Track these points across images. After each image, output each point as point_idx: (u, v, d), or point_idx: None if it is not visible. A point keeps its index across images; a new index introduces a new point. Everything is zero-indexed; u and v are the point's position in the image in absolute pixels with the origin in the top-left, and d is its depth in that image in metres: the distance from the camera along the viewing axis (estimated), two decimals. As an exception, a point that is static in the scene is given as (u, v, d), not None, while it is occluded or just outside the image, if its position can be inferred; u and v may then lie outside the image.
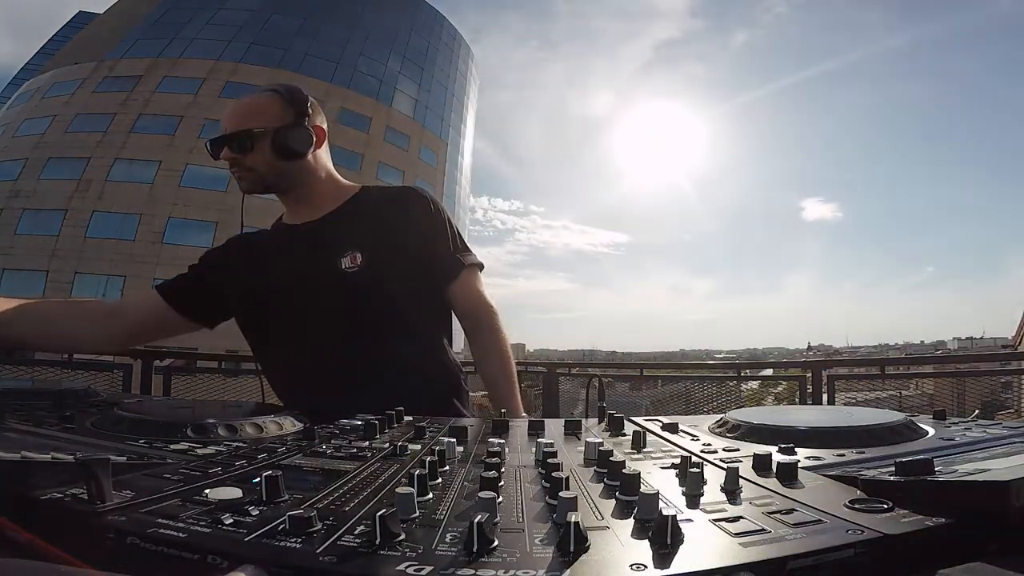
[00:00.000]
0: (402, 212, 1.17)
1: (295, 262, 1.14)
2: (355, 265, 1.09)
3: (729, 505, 0.41)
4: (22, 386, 0.88)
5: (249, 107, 1.15)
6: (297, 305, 1.12)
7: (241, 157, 1.12)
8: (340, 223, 1.16)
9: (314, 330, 1.11)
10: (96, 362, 3.81)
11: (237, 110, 1.15)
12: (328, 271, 1.09)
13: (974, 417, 0.78)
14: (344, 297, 1.09)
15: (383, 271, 1.09)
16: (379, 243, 1.11)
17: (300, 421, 0.78)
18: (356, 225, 1.14)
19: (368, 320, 1.10)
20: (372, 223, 1.14)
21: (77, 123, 21.41)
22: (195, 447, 0.60)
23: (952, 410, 2.41)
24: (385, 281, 1.09)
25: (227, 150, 1.12)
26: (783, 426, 0.67)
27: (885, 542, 0.34)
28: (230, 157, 1.12)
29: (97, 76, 22.76)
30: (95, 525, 0.36)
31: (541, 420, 0.77)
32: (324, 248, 1.12)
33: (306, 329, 1.12)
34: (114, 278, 19.51)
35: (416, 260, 1.14)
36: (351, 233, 1.12)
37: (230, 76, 22.90)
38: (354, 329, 1.10)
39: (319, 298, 1.10)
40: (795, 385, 4.03)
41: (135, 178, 20.45)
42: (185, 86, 22.39)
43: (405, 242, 1.13)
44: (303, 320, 1.12)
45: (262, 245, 1.25)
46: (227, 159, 1.12)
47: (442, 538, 0.34)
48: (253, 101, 1.16)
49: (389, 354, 1.10)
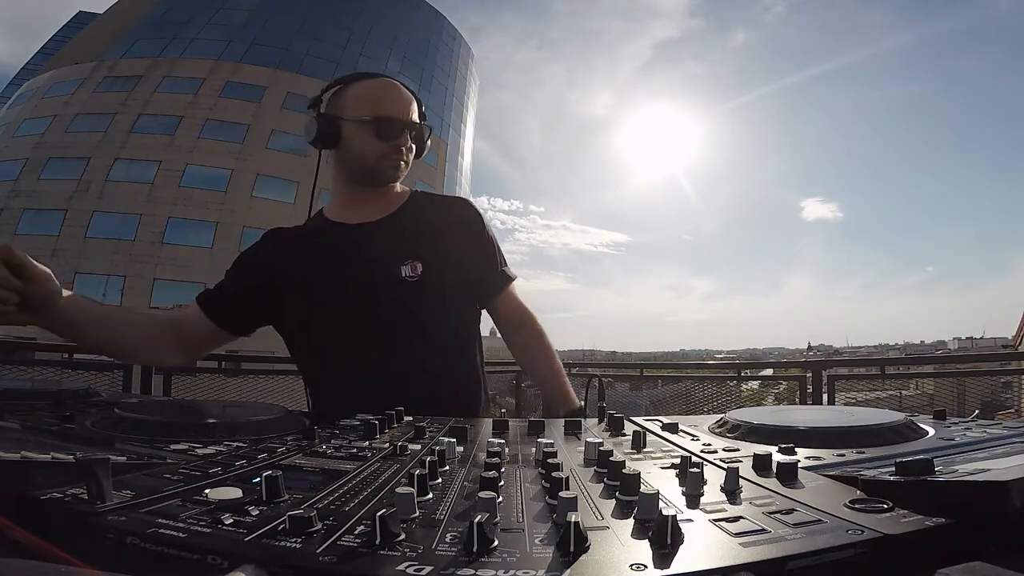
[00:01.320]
0: (458, 225, 1.18)
1: (353, 262, 1.11)
2: (415, 274, 1.08)
3: (729, 505, 0.41)
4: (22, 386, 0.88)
5: (410, 99, 1.15)
6: (353, 306, 1.10)
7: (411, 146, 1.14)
8: (399, 228, 1.14)
9: (368, 333, 1.09)
10: (96, 362, 3.80)
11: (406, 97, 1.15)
12: (390, 277, 1.08)
13: (974, 417, 0.78)
14: (403, 304, 1.08)
15: (439, 281, 1.10)
16: (436, 253, 1.11)
17: (300, 421, 0.78)
18: (414, 233, 1.14)
19: (421, 328, 1.09)
20: (430, 232, 1.14)
21: (77, 123, 21.41)
22: (195, 447, 0.60)
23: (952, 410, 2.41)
24: (440, 291, 1.10)
25: (407, 136, 1.12)
26: (783, 426, 0.67)
27: (885, 542, 0.34)
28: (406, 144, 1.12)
29: (97, 76, 22.76)
30: (95, 525, 0.36)
31: (541, 420, 0.77)
32: (385, 253, 1.11)
33: (360, 331, 1.10)
34: (114, 278, 19.51)
35: (466, 272, 1.15)
36: (411, 241, 1.12)
37: (230, 76, 22.90)
38: (407, 335, 1.09)
39: (379, 302, 1.09)
40: (795, 385, 4.04)
41: (135, 178, 20.45)
42: (185, 86, 22.39)
43: (459, 255, 1.13)
44: (358, 321, 1.10)
45: (309, 240, 1.20)
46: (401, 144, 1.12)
47: (442, 538, 0.34)
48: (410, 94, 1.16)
49: (437, 361, 1.10)
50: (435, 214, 1.18)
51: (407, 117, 1.11)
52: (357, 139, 1.10)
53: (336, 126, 1.11)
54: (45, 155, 20.65)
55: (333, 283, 1.10)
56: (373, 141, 1.09)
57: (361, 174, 1.14)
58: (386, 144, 1.09)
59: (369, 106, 1.10)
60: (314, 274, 1.12)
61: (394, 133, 1.10)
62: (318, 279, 1.12)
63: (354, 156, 1.12)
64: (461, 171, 30.64)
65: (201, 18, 24.73)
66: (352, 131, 1.10)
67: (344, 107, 1.12)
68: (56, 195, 19.91)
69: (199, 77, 22.68)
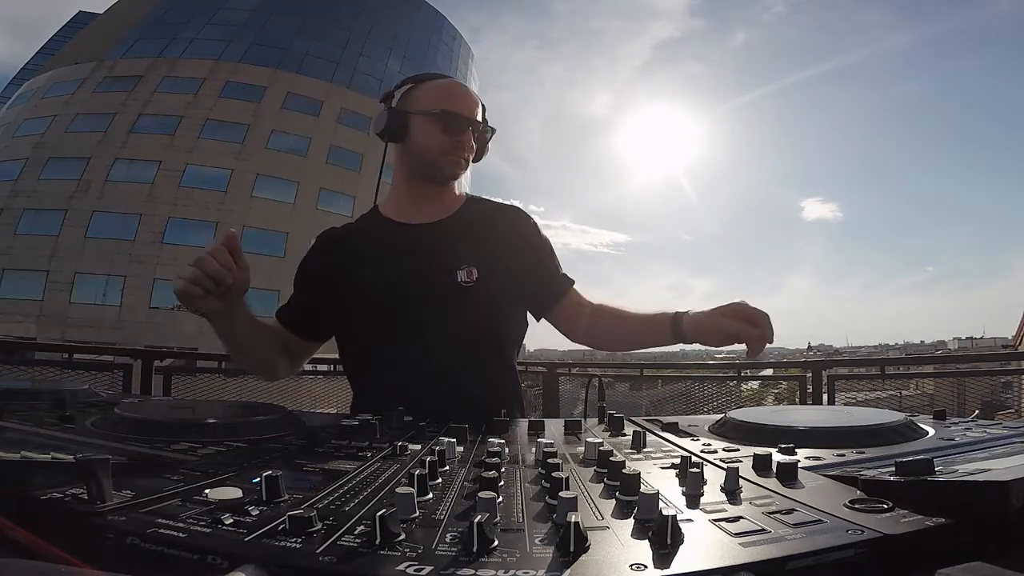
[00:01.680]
0: (514, 232, 1.18)
1: (410, 263, 1.11)
2: (471, 280, 1.09)
3: (729, 505, 0.41)
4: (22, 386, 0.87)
5: (477, 101, 1.17)
6: (408, 308, 1.10)
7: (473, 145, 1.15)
8: (456, 232, 1.15)
9: (418, 336, 1.09)
10: (96, 362, 3.80)
11: (473, 98, 1.16)
12: (446, 281, 1.09)
13: (974, 417, 0.78)
14: (458, 309, 1.08)
15: (493, 288, 1.10)
16: (492, 260, 1.11)
17: (301, 422, 0.78)
18: (471, 238, 1.14)
19: (473, 335, 1.10)
20: (485, 238, 1.14)
21: (77, 123, 21.39)
22: (195, 447, 0.60)
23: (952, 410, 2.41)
24: (494, 298, 1.10)
25: (470, 134, 1.13)
26: (783, 426, 0.67)
27: (885, 542, 0.34)
28: (469, 142, 1.13)
29: (97, 76, 22.74)
30: (95, 525, 0.36)
31: (541, 420, 0.77)
32: (442, 256, 1.11)
33: (410, 333, 1.09)
34: (114, 278, 19.51)
35: (521, 279, 1.15)
36: (468, 245, 1.12)
37: (230, 76, 22.89)
38: (458, 341, 1.09)
39: (434, 306, 1.09)
40: (795, 385, 4.03)
41: (135, 178, 20.43)
42: (185, 86, 22.37)
43: (514, 262, 1.14)
44: (409, 324, 1.09)
45: (363, 239, 1.20)
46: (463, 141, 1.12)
47: (442, 538, 0.34)
48: (476, 97, 1.18)
49: (484, 369, 1.12)
50: (490, 220, 1.19)
51: (472, 116, 1.13)
52: (422, 132, 1.12)
53: (404, 120, 1.13)
54: (45, 155, 20.64)
55: (386, 284, 1.10)
56: (438, 135, 1.11)
57: (422, 169, 1.15)
58: (450, 139, 1.11)
59: (437, 101, 1.12)
60: (368, 275, 1.12)
61: (458, 129, 1.11)
62: (372, 280, 1.12)
63: (418, 149, 1.13)
64: (461, 171, 30.63)
65: (201, 18, 24.71)
66: (419, 124, 1.12)
67: (414, 102, 1.14)
68: (56, 195, 19.90)
69: (199, 77, 22.65)
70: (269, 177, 21.72)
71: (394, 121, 1.14)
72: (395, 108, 1.15)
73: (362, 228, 1.23)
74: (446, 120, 1.10)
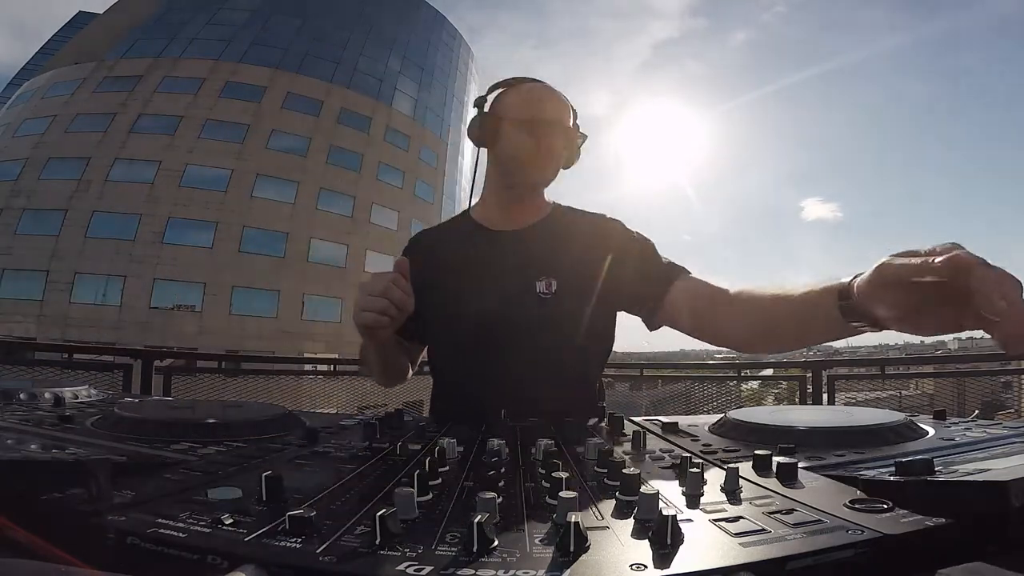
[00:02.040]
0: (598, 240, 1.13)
1: (489, 271, 1.11)
2: (549, 292, 1.07)
3: (729, 505, 0.41)
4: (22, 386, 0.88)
5: (566, 106, 1.14)
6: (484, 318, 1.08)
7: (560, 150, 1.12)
8: (539, 241, 1.13)
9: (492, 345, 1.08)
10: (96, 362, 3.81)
11: (562, 103, 1.14)
12: (523, 291, 1.08)
13: (974, 417, 0.78)
14: (532, 320, 1.07)
15: (572, 300, 1.07)
16: (574, 271, 1.09)
17: (301, 422, 0.78)
18: (553, 247, 1.12)
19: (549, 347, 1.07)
20: (568, 248, 1.12)
21: (77, 123, 21.39)
22: (195, 447, 0.60)
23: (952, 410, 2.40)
24: (572, 310, 1.07)
25: (557, 141, 1.11)
26: (783, 426, 0.67)
27: (885, 542, 0.34)
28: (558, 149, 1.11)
29: (97, 76, 22.74)
30: (95, 525, 0.36)
31: (541, 420, 0.77)
32: (522, 265, 1.10)
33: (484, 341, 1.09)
34: (114, 278, 19.50)
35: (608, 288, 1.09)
36: (548, 256, 1.11)
37: (230, 76, 22.89)
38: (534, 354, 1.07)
39: (509, 316, 1.08)
40: (795, 385, 4.03)
41: (135, 178, 20.42)
42: (185, 86, 22.37)
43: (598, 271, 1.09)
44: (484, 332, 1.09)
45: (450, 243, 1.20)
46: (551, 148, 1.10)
47: (442, 538, 0.34)
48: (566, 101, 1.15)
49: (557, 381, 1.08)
50: (577, 229, 1.16)
51: (560, 121, 1.12)
52: (511, 138, 1.11)
53: (494, 125, 1.13)
54: (45, 155, 20.63)
55: (465, 292, 1.10)
56: (524, 141, 1.09)
57: (511, 175, 1.14)
58: (536, 146, 1.09)
59: (525, 107, 1.11)
60: (449, 281, 1.12)
61: (545, 135, 1.09)
62: (452, 287, 1.11)
63: (506, 155, 1.13)
64: (461, 171, 30.65)
65: (201, 18, 24.71)
66: (508, 130, 1.11)
67: (503, 107, 1.14)
68: (56, 195, 19.90)
69: (199, 77, 22.65)
70: (269, 177, 21.72)
71: (484, 126, 1.13)
72: (486, 113, 1.15)
73: (450, 232, 1.24)
74: (532, 126, 1.09)
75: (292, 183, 22.12)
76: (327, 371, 4.75)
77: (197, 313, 19.86)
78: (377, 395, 4.60)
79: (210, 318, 19.71)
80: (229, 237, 20.50)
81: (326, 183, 22.81)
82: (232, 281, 20.16)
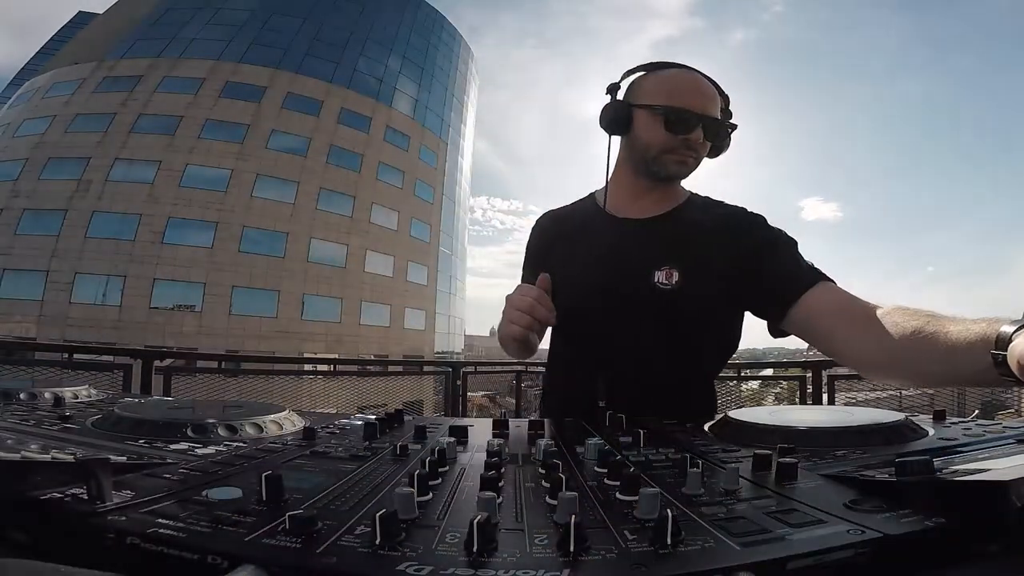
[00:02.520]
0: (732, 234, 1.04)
1: (611, 259, 1.06)
2: (668, 283, 1.01)
3: (729, 505, 0.41)
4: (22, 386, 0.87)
5: (712, 95, 1.05)
6: (601, 306, 1.05)
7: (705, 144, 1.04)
8: (664, 230, 1.07)
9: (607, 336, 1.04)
10: (96, 362, 3.81)
11: (708, 93, 1.05)
12: (641, 281, 1.02)
13: (974, 417, 0.78)
14: (650, 312, 1.02)
15: (696, 292, 1.00)
16: (699, 262, 1.02)
17: (300, 421, 0.78)
18: (679, 238, 1.05)
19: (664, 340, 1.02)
20: (698, 240, 1.04)
21: (77, 123, 21.38)
22: (195, 447, 0.60)
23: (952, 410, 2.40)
24: (695, 302, 1.00)
25: (699, 131, 1.02)
26: (783, 426, 0.67)
27: (885, 542, 0.34)
28: (698, 140, 1.02)
29: (97, 76, 22.73)
30: (95, 525, 0.36)
31: (541, 420, 0.77)
32: (642, 255, 1.04)
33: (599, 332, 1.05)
34: (114, 278, 19.50)
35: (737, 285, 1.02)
36: (674, 246, 1.04)
37: (230, 76, 22.89)
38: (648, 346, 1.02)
39: (626, 307, 1.03)
40: (795, 385, 4.03)
41: (135, 178, 20.42)
42: (185, 86, 22.36)
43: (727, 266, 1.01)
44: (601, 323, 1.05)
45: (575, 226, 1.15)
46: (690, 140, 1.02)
47: (442, 538, 0.34)
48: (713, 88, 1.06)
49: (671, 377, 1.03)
50: (710, 221, 1.07)
51: (704, 111, 1.02)
52: (645, 128, 1.04)
53: (627, 112, 1.06)
54: (45, 155, 20.63)
55: (584, 278, 1.06)
56: (661, 132, 1.02)
57: (643, 165, 1.07)
58: (674, 137, 1.02)
59: (664, 95, 1.03)
60: (570, 265, 1.08)
61: (685, 126, 1.01)
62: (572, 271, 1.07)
63: (640, 145, 1.06)
64: (461, 171, 30.66)
65: (201, 18, 24.70)
66: (642, 119, 1.04)
67: (640, 94, 1.07)
68: (56, 195, 19.89)
69: (199, 77, 22.65)
70: (269, 177, 21.73)
71: (617, 113, 1.07)
72: (620, 100, 1.08)
73: (574, 216, 1.19)
74: (670, 116, 1.01)
75: (292, 183, 22.12)
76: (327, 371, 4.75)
77: (197, 313, 19.86)
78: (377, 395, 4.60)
79: (210, 318, 19.71)
80: (229, 237, 20.50)
81: (326, 183, 22.81)
82: (232, 281, 20.17)
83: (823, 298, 0.92)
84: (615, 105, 1.08)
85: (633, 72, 1.10)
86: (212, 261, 20.13)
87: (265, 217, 21.32)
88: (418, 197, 26.39)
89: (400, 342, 24.13)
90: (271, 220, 21.36)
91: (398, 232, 24.84)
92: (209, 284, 19.95)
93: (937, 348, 0.71)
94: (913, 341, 0.75)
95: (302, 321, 21.08)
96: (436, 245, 27.34)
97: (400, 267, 24.70)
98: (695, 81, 1.06)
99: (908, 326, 0.76)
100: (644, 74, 1.09)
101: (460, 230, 30.65)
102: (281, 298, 20.74)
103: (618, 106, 1.07)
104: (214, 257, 20.17)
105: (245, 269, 20.38)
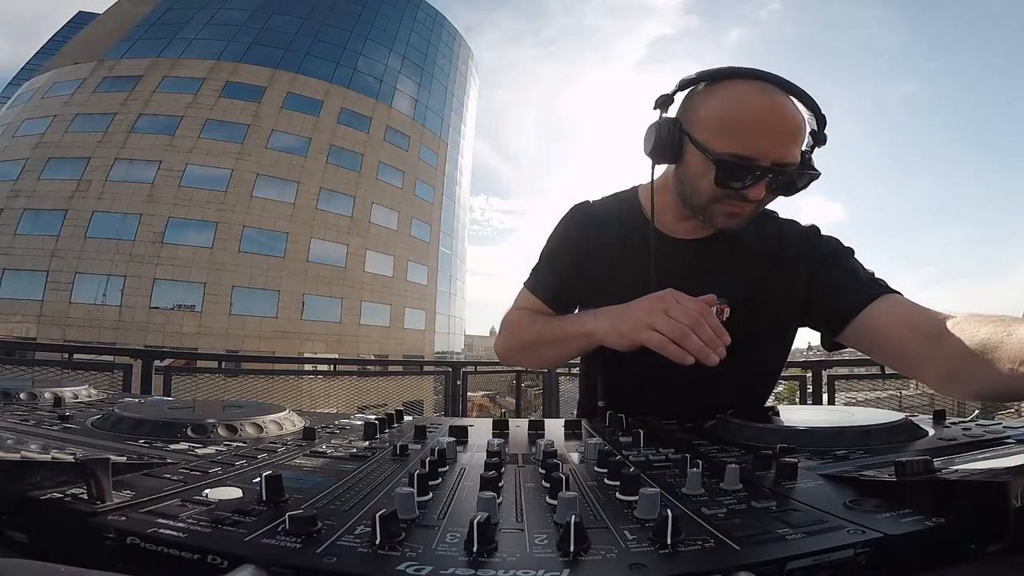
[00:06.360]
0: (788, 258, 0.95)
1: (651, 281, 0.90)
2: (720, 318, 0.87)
3: (729, 505, 0.41)
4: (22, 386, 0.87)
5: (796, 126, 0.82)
6: None
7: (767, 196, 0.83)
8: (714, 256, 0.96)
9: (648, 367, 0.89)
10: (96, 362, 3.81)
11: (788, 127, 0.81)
12: None
13: (974, 417, 0.78)
14: None
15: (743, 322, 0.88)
16: (745, 294, 0.92)
17: (300, 421, 0.78)
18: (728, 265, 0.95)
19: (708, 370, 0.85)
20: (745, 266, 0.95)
21: (77, 123, 21.38)
22: (195, 447, 0.60)
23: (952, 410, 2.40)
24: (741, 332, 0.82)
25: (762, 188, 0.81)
26: (783, 426, 0.67)
27: (885, 542, 0.34)
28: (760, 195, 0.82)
29: (97, 76, 22.73)
30: (95, 525, 0.36)
31: (541, 420, 0.77)
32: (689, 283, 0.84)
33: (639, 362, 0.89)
34: (114, 278, 19.49)
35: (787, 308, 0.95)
36: (720, 275, 0.93)
37: (230, 76, 22.88)
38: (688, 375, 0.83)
39: None
40: (795, 385, 4.03)
41: (135, 178, 20.42)
42: (185, 86, 22.36)
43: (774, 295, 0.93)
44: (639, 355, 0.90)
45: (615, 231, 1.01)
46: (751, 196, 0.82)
47: (442, 538, 0.34)
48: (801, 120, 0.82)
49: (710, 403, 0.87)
50: (759, 241, 0.96)
51: (773, 158, 0.80)
52: (693, 168, 0.85)
53: (679, 139, 0.85)
54: (45, 155, 20.62)
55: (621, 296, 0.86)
56: (710, 181, 0.82)
57: (690, 206, 0.91)
58: (727, 189, 0.82)
59: (722, 128, 0.81)
60: (607, 276, 0.98)
61: (741, 179, 0.81)
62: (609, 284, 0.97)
63: (687, 185, 0.88)
64: (461, 171, 30.64)
65: (201, 18, 24.70)
66: (692, 155, 0.84)
67: (695, 117, 0.85)
68: (56, 195, 19.89)
69: (199, 77, 22.64)
70: (269, 177, 21.72)
71: (663, 140, 0.86)
72: (670, 118, 0.87)
73: (618, 218, 1.02)
74: (723, 168, 0.80)
75: (292, 183, 22.11)
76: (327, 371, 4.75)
77: (197, 313, 19.86)
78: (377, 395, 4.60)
79: (210, 318, 19.71)
80: (229, 237, 20.50)
81: (326, 183, 22.80)
82: (232, 281, 20.16)
83: (889, 311, 0.83)
84: (663, 126, 0.87)
85: (694, 82, 0.87)
86: (212, 261, 20.12)
87: (265, 217, 21.31)
88: (418, 197, 26.39)
89: (400, 342, 24.13)
90: (271, 220, 21.35)
91: (398, 232, 24.84)
92: (209, 284, 19.94)
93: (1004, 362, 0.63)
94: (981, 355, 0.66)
95: (302, 321, 21.08)
96: (436, 245, 27.34)
97: (400, 267, 24.70)
98: (769, 111, 0.80)
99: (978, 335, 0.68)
100: (708, 87, 0.85)
101: (460, 230, 30.63)
102: (281, 298, 20.74)
103: (667, 130, 0.86)
104: (214, 257, 20.16)
105: (245, 269, 20.38)
